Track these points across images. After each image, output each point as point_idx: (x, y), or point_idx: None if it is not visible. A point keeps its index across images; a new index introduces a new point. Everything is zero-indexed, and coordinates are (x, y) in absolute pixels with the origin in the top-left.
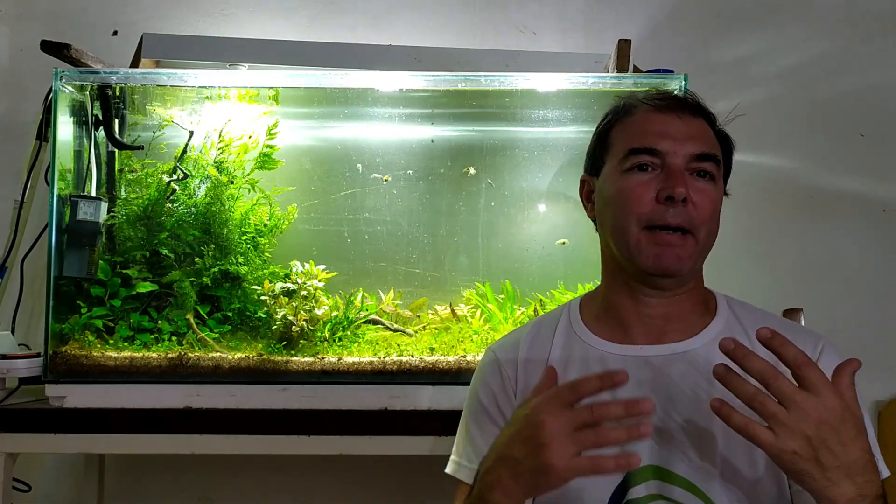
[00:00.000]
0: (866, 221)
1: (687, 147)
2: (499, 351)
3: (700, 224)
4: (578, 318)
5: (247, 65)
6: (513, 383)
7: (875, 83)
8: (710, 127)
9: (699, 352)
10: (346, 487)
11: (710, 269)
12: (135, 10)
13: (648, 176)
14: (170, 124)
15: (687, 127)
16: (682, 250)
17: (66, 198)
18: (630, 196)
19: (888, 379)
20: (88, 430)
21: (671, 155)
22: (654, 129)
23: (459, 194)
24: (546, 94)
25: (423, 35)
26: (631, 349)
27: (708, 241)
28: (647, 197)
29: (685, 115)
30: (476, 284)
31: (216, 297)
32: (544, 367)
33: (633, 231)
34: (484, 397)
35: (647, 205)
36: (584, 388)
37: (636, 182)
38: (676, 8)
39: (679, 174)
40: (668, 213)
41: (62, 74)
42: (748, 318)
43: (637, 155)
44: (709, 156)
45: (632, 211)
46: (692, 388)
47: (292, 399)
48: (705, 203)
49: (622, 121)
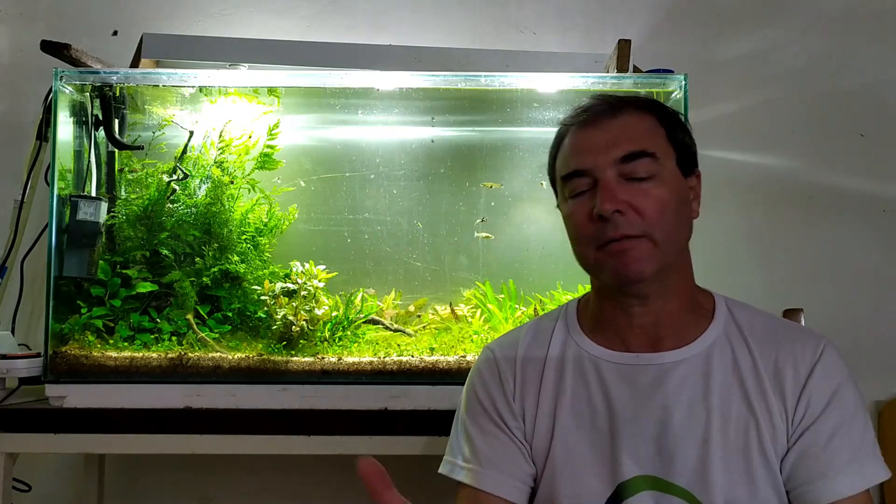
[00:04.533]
0: (866, 221)
1: (610, 154)
2: (497, 350)
3: (650, 226)
4: (576, 323)
5: (247, 65)
6: (511, 384)
7: (875, 83)
8: (644, 116)
9: (696, 359)
10: (346, 487)
11: (710, 270)
12: (135, 10)
13: (584, 198)
14: (170, 124)
15: (608, 133)
16: (638, 252)
17: (66, 198)
18: (573, 222)
19: (888, 379)
20: (88, 430)
21: (597, 169)
22: (577, 149)
23: (459, 194)
24: (546, 94)
25: (423, 35)
26: (626, 357)
27: (668, 239)
28: (585, 220)
29: (604, 121)
30: (476, 284)
31: (216, 297)
32: (542, 367)
33: (589, 253)
34: (483, 397)
35: (588, 226)
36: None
37: (575, 208)
38: (676, 8)
39: (604, 188)
40: (607, 228)
41: (62, 74)
42: (747, 321)
43: (569, 181)
44: (636, 154)
45: (579, 236)
46: (689, 397)
47: (292, 399)
48: (648, 205)
49: (559, 148)
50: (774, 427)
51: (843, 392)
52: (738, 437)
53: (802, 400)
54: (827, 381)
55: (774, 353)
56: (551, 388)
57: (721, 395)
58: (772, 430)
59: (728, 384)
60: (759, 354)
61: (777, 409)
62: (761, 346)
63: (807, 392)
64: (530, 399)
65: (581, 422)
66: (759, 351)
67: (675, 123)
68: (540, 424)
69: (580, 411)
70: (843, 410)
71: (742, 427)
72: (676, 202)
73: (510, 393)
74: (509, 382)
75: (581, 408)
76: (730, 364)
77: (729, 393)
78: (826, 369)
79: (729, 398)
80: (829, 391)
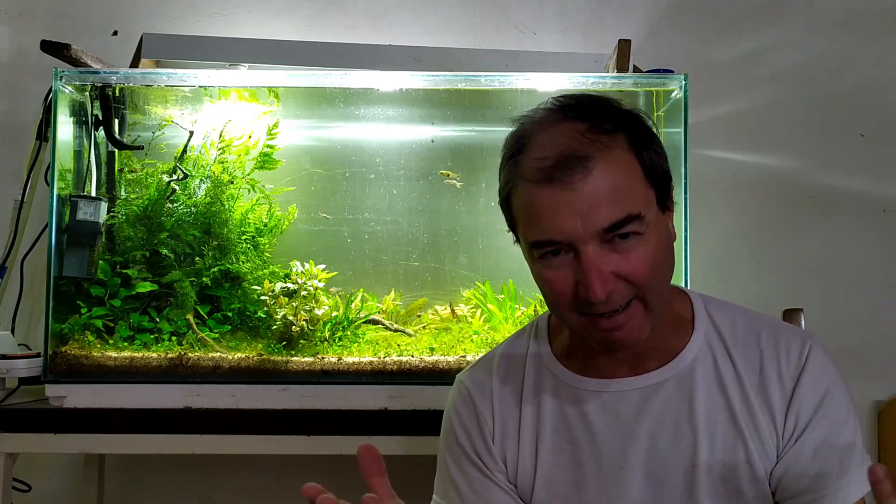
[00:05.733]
0: (866, 221)
1: (591, 224)
2: (472, 387)
3: (640, 289)
4: (547, 346)
5: (247, 65)
6: (490, 424)
7: (875, 83)
8: (617, 153)
9: (678, 378)
10: (346, 487)
11: (710, 270)
12: (135, 10)
13: (561, 261)
14: (170, 124)
15: (582, 195)
16: (633, 322)
17: (66, 198)
18: (551, 289)
19: (888, 379)
20: (88, 430)
21: (576, 241)
22: (547, 213)
23: (459, 194)
24: (547, 94)
25: (423, 35)
26: (606, 384)
27: (657, 297)
28: (567, 291)
29: (576, 179)
30: (476, 284)
31: (216, 297)
32: (519, 402)
33: (572, 317)
34: (463, 440)
35: (571, 297)
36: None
37: (552, 273)
38: (676, 8)
39: (591, 270)
40: (596, 306)
41: (62, 74)
42: (728, 325)
43: (540, 248)
44: (622, 221)
45: (559, 304)
46: (674, 419)
47: (292, 399)
48: (635, 269)
49: (516, 190)
50: (763, 443)
51: (830, 399)
52: (725, 456)
53: (791, 413)
54: (814, 389)
55: (758, 360)
56: (530, 425)
57: (706, 415)
58: (760, 445)
59: (712, 401)
60: (742, 364)
61: (765, 424)
62: (744, 354)
63: (794, 404)
64: (511, 438)
65: (564, 459)
66: (742, 360)
67: (649, 143)
68: (523, 463)
69: (562, 447)
70: (831, 419)
71: (729, 447)
72: (663, 252)
73: (489, 434)
74: (488, 423)
75: (563, 444)
76: (713, 378)
77: (714, 411)
78: (812, 377)
79: (714, 417)
80: (817, 399)
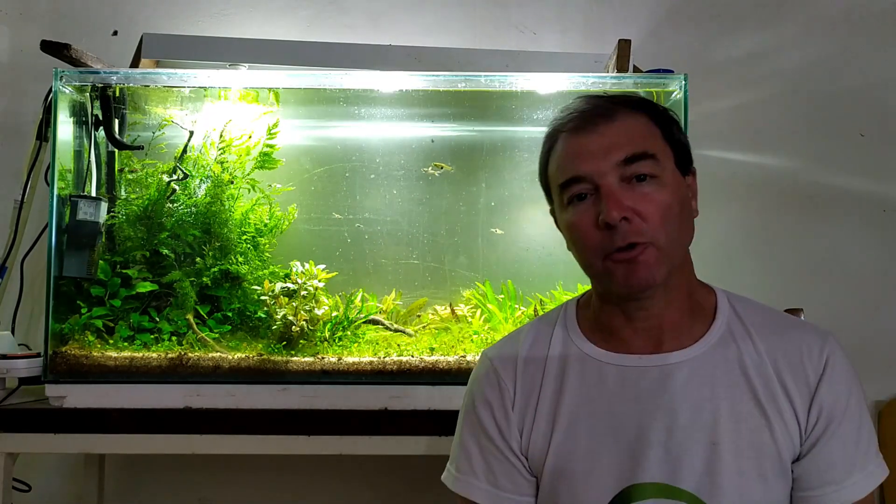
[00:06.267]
0: (866, 221)
1: (611, 158)
2: (496, 358)
3: (653, 232)
4: (575, 325)
5: (247, 65)
6: (511, 392)
7: (875, 83)
8: (639, 117)
9: (700, 359)
10: (346, 487)
11: (711, 269)
12: (135, 10)
13: (586, 204)
14: (170, 124)
15: (606, 137)
16: (647, 258)
17: (66, 198)
18: (576, 232)
19: (888, 379)
20: (88, 430)
21: (597, 175)
22: (574, 154)
23: (459, 194)
24: (547, 94)
25: (423, 35)
26: (629, 359)
27: (671, 243)
28: (590, 228)
29: (601, 124)
30: (476, 284)
31: (216, 297)
32: (542, 369)
33: (595, 263)
34: (483, 415)
35: (594, 236)
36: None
37: (577, 216)
38: (676, 8)
39: (609, 195)
40: (615, 236)
41: (62, 74)
42: (750, 315)
43: (567, 189)
44: (638, 156)
45: (584, 246)
46: (695, 399)
47: (292, 399)
48: (650, 209)
49: (551, 153)
50: (787, 427)
51: (851, 399)
52: (751, 437)
53: (814, 409)
54: (837, 389)
55: (780, 350)
56: (551, 392)
57: (729, 396)
58: (784, 429)
59: (735, 384)
60: (765, 350)
61: (788, 412)
62: (766, 340)
63: (818, 401)
64: (530, 407)
65: (581, 430)
66: (765, 346)
67: (670, 122)
68: (539, 431)
69: (580, 418)
70: (852, 417)
71: (755, 428)
72: (678, 204)
73: (509, 402)
74: (509, 391)
75: (581, 414)
76: (735, 363)
77: (737, 393)
78: (835, 377)
79: (738, 398)
80: (840, 400)
